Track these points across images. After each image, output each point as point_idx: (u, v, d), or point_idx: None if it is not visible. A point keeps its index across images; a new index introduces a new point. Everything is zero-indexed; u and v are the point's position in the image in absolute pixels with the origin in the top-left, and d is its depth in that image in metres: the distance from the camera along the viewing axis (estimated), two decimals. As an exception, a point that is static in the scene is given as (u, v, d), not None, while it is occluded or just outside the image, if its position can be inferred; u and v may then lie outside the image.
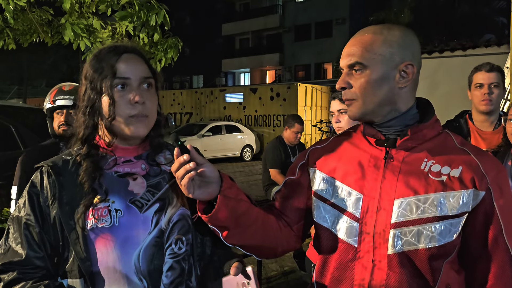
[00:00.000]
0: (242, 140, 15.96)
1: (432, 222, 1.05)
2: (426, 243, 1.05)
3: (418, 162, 1.10)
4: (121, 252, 1.10)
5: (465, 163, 1.08)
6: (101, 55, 1.15)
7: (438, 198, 1.05)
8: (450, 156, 1.10)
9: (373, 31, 1.13)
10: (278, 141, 4.71)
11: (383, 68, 1.09)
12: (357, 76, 1.11)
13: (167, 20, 3.66)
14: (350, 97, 1.14)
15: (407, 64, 1.10)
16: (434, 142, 1.12)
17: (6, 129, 4.22)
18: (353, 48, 1.12)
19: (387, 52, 1.09)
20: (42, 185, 1.12)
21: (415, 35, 1.16)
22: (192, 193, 1.04)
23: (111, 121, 1.12)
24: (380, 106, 1.12)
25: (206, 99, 19.26)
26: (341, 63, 1.16)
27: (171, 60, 4.10)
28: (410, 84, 1.12)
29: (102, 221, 1.09)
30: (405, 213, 1.06)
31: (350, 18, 27.55)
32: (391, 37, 1.10)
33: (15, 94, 26.90)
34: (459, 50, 7.20)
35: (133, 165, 1.19)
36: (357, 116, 1.15)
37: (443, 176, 1.07)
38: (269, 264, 4.75)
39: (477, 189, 1.05)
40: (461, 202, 1.05)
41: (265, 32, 33.47)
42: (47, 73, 29.65)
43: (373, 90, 1.10)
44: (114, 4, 3.63)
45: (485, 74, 2.39)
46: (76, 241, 1.08)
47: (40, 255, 1.09)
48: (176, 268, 1.15)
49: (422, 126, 1.11)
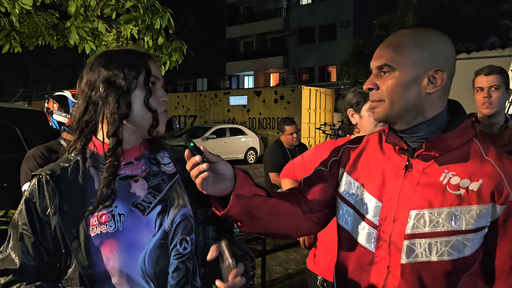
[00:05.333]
0: (246, 142, 15.97)
1: (445, 236, 1.03)
2: (439, 256, 1.04)
3: (437, 174, 1.08)
4: (127, 256, 1.09)
5: (487, 176, 1.04)
6: (126, 54, 1.18)
7: (452, 212, 1.03)
8: (472, 167, 1.06)
9: (407, 34, 1.12)
10: (276, 144, 4.71)
11: (412, 71, 1.08)
12: (385, 78, 1.10)
13: (172, 23, 3.67)
14: (377, 98, 1.12)
15: (436, 70, 1.08)
16: (458, 153, 1.08)
17: (12, 132, 4.24)
18: (384, 50, 1.12)
19: (417, 56, 1.08)
20: (41, 194, 1.10)
21: (451, 42, 1.13)
22: (206, 190, 1.06)
23: (152, 112, 1.15)
24: (407, 110, 1.10)
25: (210, 102, 19.29)
26: (371, 64, 1.15)
27: (175, 63, 4.12)
28: (439, 91, 1.10)
29: (106, 226, 1.09)
30: (418, 225, 1.06)
31: (354, 21, 27.54)
32: (423, 42, 1.09)
33: (20, 96, 27.03)
34: (463, 53, 7.18)
35: (134, 167, 1.19)
36: (382, 117, 1.13)
37: (461, 190, 1.04)
38: (273, 267, 4.74)
39: (495, 204, 1.02)
40: (477, 217, 1.02)
41: (269, 35, 33.50)
42: (52, 76, 29.83)
43: (401, 92, 1.08)
44: (119, 7, 3.66)
45: (484, 77, 2.41)
46: (78, 249, 1.07)
47: (34, 265, 1.08)
48: (182, 269, 1.15)
49: (443, 137, 1.08)
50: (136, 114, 1.14)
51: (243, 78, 36.38)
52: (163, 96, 1.19)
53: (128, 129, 1.16)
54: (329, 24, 28.79)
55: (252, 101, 17.66)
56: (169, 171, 1.24)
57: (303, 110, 15.84)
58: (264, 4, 33.62)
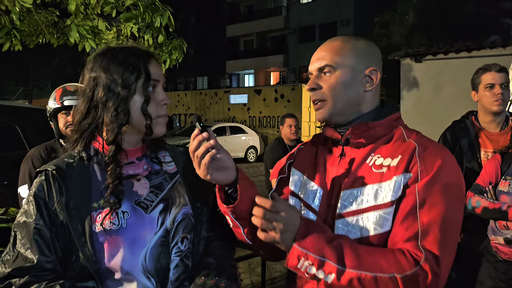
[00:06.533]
0: (246, 141, 15.97)
1: (369, 211, 1.09)
2: (365, 231, 1.09)
3: (366, 158, 1.16)
4: (129, 253, 1.11)
5: (405, 151, 1.11)
6: (126, 55, 1.16)
7: (375, 189, 1.10)
8: (394, 148, 1.14)
9: (342, 40, 1.22)
10: (277, 142, 4.70)
11: (351, 71, 1.18)
12: (327, 78, 1.19)
13: (172, 21, 3.67)
14: (320, 97, 1.20)
15: (372, 70, 1.19)
16: (384, 139, 1.18)
17: (12, 130, 4.24)
18: (323, 53, 1.20)
19: (354, 57, 1.18)
20: (48, 190, 1.11)
21: (378, 48, 1.27)
22: (211, 174, 1.07)
23: (147, 120, 1.14)
24: (347, 107, 1.19)
25: (211, 100, 19.29)
26: (310, 67, 1.23)
27: (175, 62, 4.12)
28: (374, 89, 1.21)
29: (110, 223, 1.10)
30: (346, 204, 1.13)
31: (354, 19, 27.51)
32: (358, 45, 1.20)
33: (21, 95, 27.06)
34: (464, 52, 7.18)
35: (136, 167, 1.20)
36: (326, 116, 1.21)
37: (384, 168, 1.12)
38: (274, 265, 4.74)
39: (407, 173, 1.07)
40: (394, 188, 1.07)
41: (269, 34, 33.46)
42: (52, 74, 29.82)
43: (342, 91, 1.18)
44: (119, 5, 3.66)
45: (496, 74, 2.37)
46: (84, 244, 1.08)
47: (51, 259, 1.08)
48: (180, 265, 1.17)
49: (371, 124, 1.17)
50: (135, 119, 1.15)
51: (244, 76, 36.36)
52: (164, 99, 1.18)
53: (128, 131, 1.17)
54: (330, 22, 28.74)
55: (253, 99, 17.65)
56: (171, 170, 1.25)
57: (304, 109, 15.84)
58: (265, 2, 33.58)
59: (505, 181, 2.15)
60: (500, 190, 2.16)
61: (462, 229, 2.45)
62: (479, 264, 2.32)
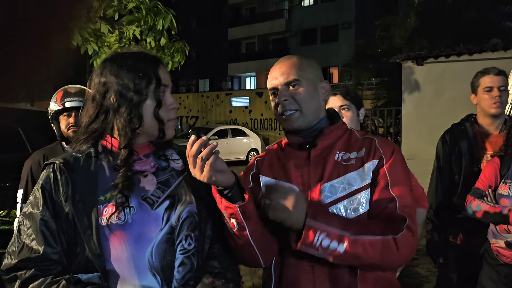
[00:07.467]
0: (248, 143, 15.97)
1: (350, 197, 1.29)
2: (349, 215, 1.27)
3: (333, 155, 1.35)
4: (135, 249, 1.12)
5: (367, 145, 1.35)
6: (136, 61, 1.18)
7: (351, 177, 1.30)
8: (355, 145, 1.37)
9: (297, 57, 1.41)
10: None
11: (313, 83, 1.38)
12: (295, 90, 1.35)
13: (174, 24, 3.69)
14: (294, 107, 1.35)
15: (324, 82, 1.42)
16: (343, 139, 1.39)
17: (15, 132, 4.25)
18: (286, 69, 1.37)
19: (313, 72, 1.40)
20: (55, 182, 1.13)
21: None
22: (215, 176, 1.10)
23: (160, 124, 1.18)
24: (313, 114, 1.37)
25: (212, 103, 19.31)
26: (274, 82, 1.37)
27: (177, 64, 4.13)
28: (327, 98, 1.44)
29: (116, 217, 1.12)
30: (328, 195, 1.30)
31: (356, 22, 27.51)
32: (311, 62, 1.42)
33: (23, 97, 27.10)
34: (465, 55, 7.16)
35: (143, 163, 1.22)
36: (302, 125, 1.36)
37: (352, 160, 1.33)
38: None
39: (374, 160, 1.31)
40: (365, 174, 1.30)
41: (271, 37, 33.50)
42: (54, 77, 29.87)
43: (310, 100, 1.36)
44: (122, 8, 3.67)
45: (494, 77, 2.39)
46: (90, 237, 1.09)
47: (57, 250, 1.10)
48: (187, 264, 1.18)
49: (333, 127, 1.39)
50: (147, 123, 1.17)
51: (245, 79, 36.39)
52: (173, 103, 1.22)
53: (139, 135, 1.20)
54: (331, 25, 28.76)
55: (254, 102, 17.67)
56: (178, 168, 1.27)
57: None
58: (266, 5, 33.64)
59: (505, 184, 2.15)
60: (500, 193, 2.16)
61: (462, 231, 2.48)
62: (479, 265, 2.32)
